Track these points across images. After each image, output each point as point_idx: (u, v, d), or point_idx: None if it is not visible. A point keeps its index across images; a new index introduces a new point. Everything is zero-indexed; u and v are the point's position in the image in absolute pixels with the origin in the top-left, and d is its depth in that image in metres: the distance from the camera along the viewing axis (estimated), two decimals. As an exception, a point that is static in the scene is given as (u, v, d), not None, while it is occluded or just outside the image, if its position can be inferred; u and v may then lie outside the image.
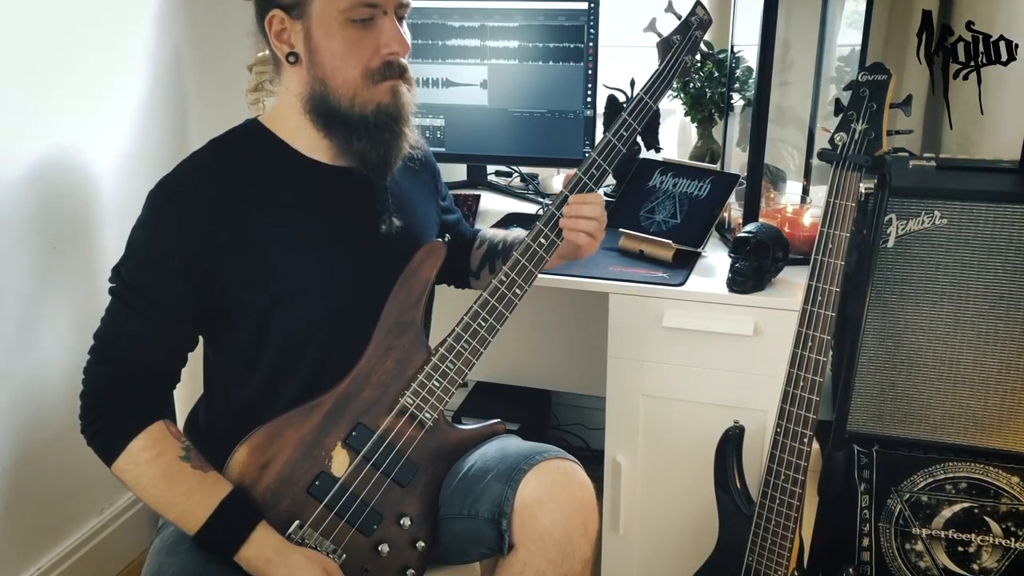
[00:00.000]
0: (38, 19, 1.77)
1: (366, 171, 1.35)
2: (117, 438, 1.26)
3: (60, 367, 1.88)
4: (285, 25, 1.29)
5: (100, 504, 2.06)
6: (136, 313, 1.28)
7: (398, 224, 1.39)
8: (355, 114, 1.30)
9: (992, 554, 1.46)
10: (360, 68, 1.29)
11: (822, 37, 1.85)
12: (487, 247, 1.64)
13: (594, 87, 2.08)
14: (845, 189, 1.34)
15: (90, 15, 1.89)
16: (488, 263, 1.63)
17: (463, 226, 1.69)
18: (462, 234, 1.67)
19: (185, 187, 1.29)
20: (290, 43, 1.30)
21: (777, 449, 1.39)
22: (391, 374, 1.35)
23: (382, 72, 1.30)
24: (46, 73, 1.80)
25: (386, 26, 1.29)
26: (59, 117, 1.84)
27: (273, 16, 1.28)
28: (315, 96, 1.31)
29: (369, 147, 1.32)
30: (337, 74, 1.28)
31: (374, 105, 1.30)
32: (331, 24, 1.26)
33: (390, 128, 1.32)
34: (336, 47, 1.27)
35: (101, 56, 1.94)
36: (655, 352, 1.70)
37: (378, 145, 1.32)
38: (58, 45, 1.82)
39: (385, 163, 1.35)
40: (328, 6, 1.26)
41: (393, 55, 1.30)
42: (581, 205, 1.39)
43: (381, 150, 1.33)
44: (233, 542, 1.24)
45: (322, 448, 1.31)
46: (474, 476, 1.36)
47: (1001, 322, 1.42)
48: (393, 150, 1.34)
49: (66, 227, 1.87)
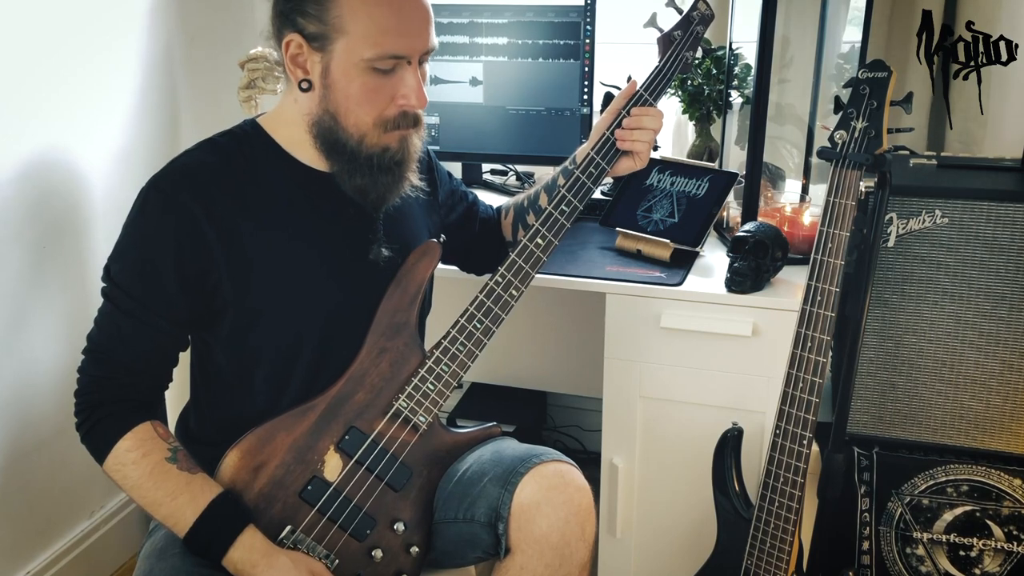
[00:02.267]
0: (28, 17, 1.76)
1: (364, 204, 1.34)
2: (106, 438, 1.26)
3: (50, 368, 1.87)
4: (303, 51, 1.26)
5: (90, 507, 2.05)
6: (126, 314, 1.27)
7: (386, 255, 1.38)
8: (362, 152, 1.30)
9: (994, 558, 1.46)
10: (374, 115, 1.28)
11: (822, 34, 1.85)
12: (514, 212, 1.64)
13: (591, 84, 2.07)
14: (845, 188, 1.34)
15: (81, 12, 1.88)
16: (520, 223, 1.62)
17: (481, 208, 1.67)
18: (484, 219, 1.65)
19: (176, 187, 1.27)
20: (305, 70, 1.27)
21: (776, 451, 1.38)
22: (385, 376, 1.34)
23: (395, 122, 1.29)
24: (36, 71, 1.79)
25: (407, 77, 1.27)
26: (49, 115, 1.83)
27: (292, 40, 1.26)
28: (324, 125, 1.30)
29: (370, 185, 1.32)
30: (350, 115, 1.28)
31: (381, 148, 1.30)
32: (352, 69, 1.24)
33: (392, 172, 1.32)
34: (354, 91, 1.26)
35: (91, 53, 1.93)
36: (652, 353, 1.69)
37: (379, 185, 1.32)
38: (48, 43, 1.81)
39: (383, 200, 1.35)
40: (353, 51, 1.24)
41: (410, 107, 1.29)
42: (642, 117, 1.43)
43: (381, 189, 1.33)
44: (220, 546, 1.23)
45: (315, 452, 1.31)
46: (470, 480, 1.35)
47: (1003, 322, 1.42)
48: (393, 191, 1.34)
49: (56, 226, 1.86)
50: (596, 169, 1.43)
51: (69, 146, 1.88)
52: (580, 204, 1.40)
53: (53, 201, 1.85)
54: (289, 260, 1.31)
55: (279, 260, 1.30)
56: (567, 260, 1.76)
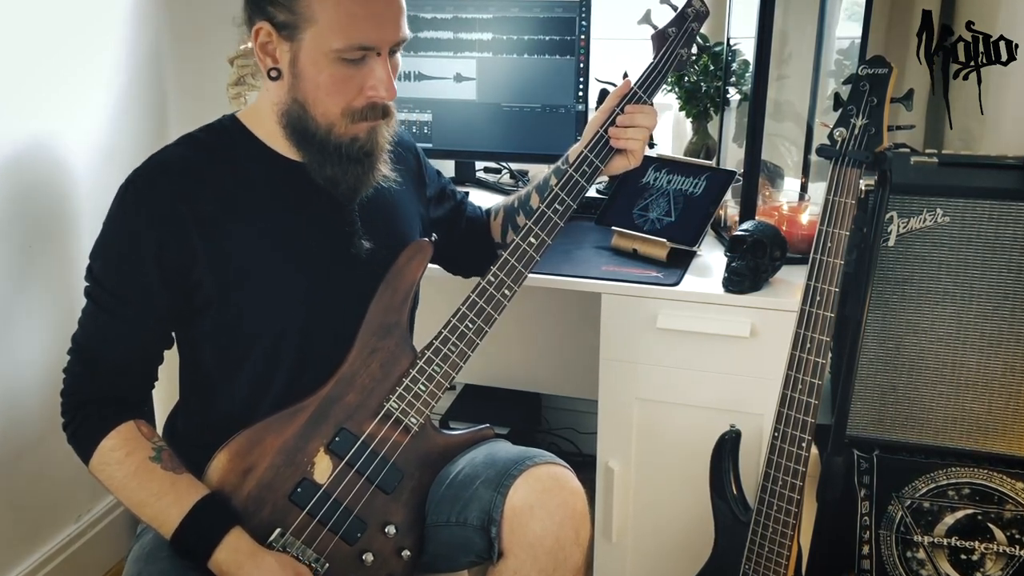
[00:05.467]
0: (12, 12, 1.74)
1: (335, 194, 1.34)
2: (90, 437, 1.27)
3: (35, 370, 1.86)
4: (272, 40, 1.26)
5: (77, 510, 2.04)
6: (108, 313, 1.27)
7: (367, 247, 1.37)
8: (330, 142, 1.29)
9: (996, 562, 1.45)
10: (342, 105, 1.27)
11: (821, 30, 1.85)
12: (504, 213, 1.63)
13: (586, 81, 2.07)
14: (845, 186, 1.33)
15: (66, 6, 1.87)
16: (510, 224, 1.61)
17: (470, 208, 1.66)
18: (472, 219, 1.65)
19: (154, 182, 1.27)
20: (275, 58, 1.27)
21: (775, 454, 1.37)
22: (376, 377, 1.34)
23: (364, 113, 1.28)
24: (20, 66, 1.77)
25: (376, 68, 1.26)
26: (34, 111, 1.81)
27: (260, 28, 1.25)
28: (292, 114, 1.29)
29: (340, 175, 1.31)
30: (318, 105, 1.27)
31: (349, 138, 1.29)
32: (321, 58, 1.24)
33: (362, 162, 1.32)
34: (322, 81, 1.25)
35: (77, 49, 1.92)
36: (649, 354, 1.68)
37: (349, 176, 1.32)
38: (33, 38, 1.79)
39: (354, 190, 1.34)
40: (321, 40, 1.23)
41: (379, 99, 1.28)
42: (636, 115, 1.42)
43: (352, 180, 1.32)
44: (206, 547, 1.23)
45: (304, 454, 1.30)
46: (462, 482, 1.35)
47: (1005, 323, 1.41)
48: (363, 182, 1.34)
49: (40, 224, 1.85)
50: (590, 167, 1.42)
51: (54, 143, 1.87)
52: (574, 203, 1.39)
53: (38, 199, 1.84)
54: (269, 253, 1.31)
55: (259, 253, 1.30)
56: (562, 259, 1.75)
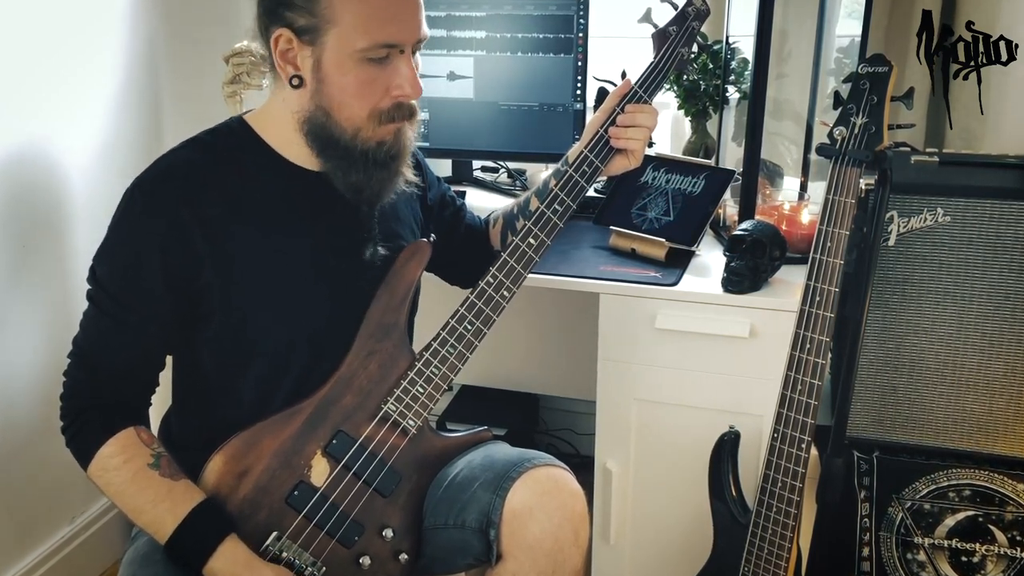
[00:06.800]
0: (9, 12, 1.73)
1: (357, 201, 1.32)
2: (89, 443, 1.26)
3: (30, 370, 1.84)
4: (293, 46, 1.24)
5: (72, 512, 2.04)
6: (111, 318, 1.26)
7: (383, 253, 1.36)
8: (356, 148, 1.27)
9: (997, 564, 1.44)
10: (368, 108, 1.25)
11: (821, 28, 1.84)
12: (503, 221, 1.62)
13: (584, 80, 2.06)
14: (844, 185, 1.33)
15: (61, 6, 1.86)
16: (510, 231, 1.59)
17: (468, 215, 1.64)
18: (471, 226, 1.63)
19: (160, 187, 1.25)
20: (296, 65, 1.25)
21: (774, 455, 1.37)
22: (373, 379, 1.33)
23: (390, 114, 1.27)
24: (15, 66, 1.77)
25: (401, 67, 1.25)
26: (30, 112, 1.81)
27: (280, 35, 1.23)
28: (316, 122, 1.27)
29: (364, 181, 1.30)
30: (344, 109, 1.25)
31: (376, 142, 1.28)
32: (345, 60, 1.22)
33: (388, 166, 1.30)
34: (348, 84, 1.23)
35: (72, 48, 1.90)
36: (647, 354, 1.68)
37: (374, 181, 1.30)
38: (27, 37, 1.78)
39: (378, 196, 1.33)
40: (345, 42, 1.21)
41: (405, 97, 1.27)
42: (636, 114, 1.41)
43: (376, 185, 1.31)
44: (200, 554, 1.22)
45: (301, 457, 1.29)
46: (460, 485, 1.34)
47: (1006, 323, 1.41)
48: (388, 186, 1.33)
49: (35, 225, 1.84)
50: (590, 168, 1.41)
51: (50, 142, 1.86)
52: (573, 203, 1.38)
53: (34, 198, 1.83)
54: (278, 261, 1.29)
55: (268, 261, 1.28)
56: (560, 259, 1.74)
